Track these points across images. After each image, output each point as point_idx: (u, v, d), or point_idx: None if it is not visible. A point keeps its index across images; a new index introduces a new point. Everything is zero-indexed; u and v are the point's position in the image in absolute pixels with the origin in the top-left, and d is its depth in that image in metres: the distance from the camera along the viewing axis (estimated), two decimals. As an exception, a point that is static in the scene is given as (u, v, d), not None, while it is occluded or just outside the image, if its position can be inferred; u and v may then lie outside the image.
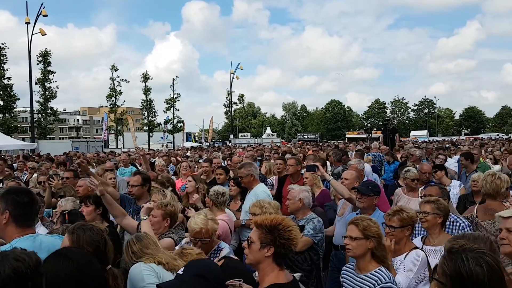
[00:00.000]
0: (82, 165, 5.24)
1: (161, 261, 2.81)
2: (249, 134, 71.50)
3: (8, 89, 37.36)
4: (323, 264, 4.72)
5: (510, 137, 49.11)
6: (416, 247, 3.37)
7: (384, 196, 5.38)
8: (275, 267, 2.37)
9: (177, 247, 3.51)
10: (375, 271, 2.92)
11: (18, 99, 38.58)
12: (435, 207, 3.63)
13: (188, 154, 18.70)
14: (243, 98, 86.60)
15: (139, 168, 10.57)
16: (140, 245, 2.89)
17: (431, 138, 54.42)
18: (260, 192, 5.37)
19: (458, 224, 4.03)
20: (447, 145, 17.39)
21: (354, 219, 3.11)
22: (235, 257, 3.19)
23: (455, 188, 6.21)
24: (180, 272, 2.28)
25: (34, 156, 17.48)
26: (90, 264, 2.01)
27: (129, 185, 5.45)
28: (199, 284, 2.13)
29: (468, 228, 3.99)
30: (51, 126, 45.34)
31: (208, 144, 43.74)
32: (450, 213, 4.20)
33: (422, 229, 3.90)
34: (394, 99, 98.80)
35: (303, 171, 6.66)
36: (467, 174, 7.67)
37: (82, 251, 2.09)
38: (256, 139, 59.20)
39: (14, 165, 11.99)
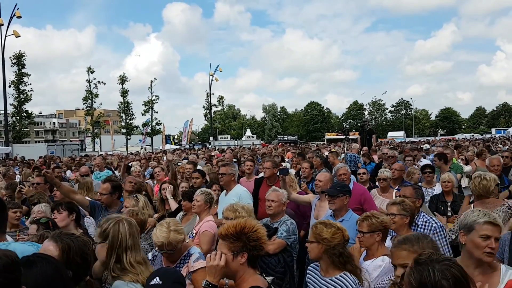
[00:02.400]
0: (47, 175, 5.14)
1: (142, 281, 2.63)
2: (229, 136, 71.42)
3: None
4: (297, 265, 4.73)
5: (484, 137, 50.33)
6: (386, 254, 3.33)
7: (370, 198, 5.45)
8: (251, 271, 2.37)
9: (149, 255, 3.47)
10: (340, 276, 2.96)
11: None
12: (401, 208, 3.68)
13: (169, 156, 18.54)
14: (223, 100, 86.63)
15: (115, 172, 10.45)
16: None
17: (407, 139, 55.35)
18: (243, 192, 5.39)
19: (430, 224, 4.09)
20: (422, 146, 17.68)
21: (314, 223, 3.21)
22: (204, 262, 3.17)
23: (438, 190, 6.31)
24: (156, 282, 2.25)
25: (7, 160, 17.06)
26: (57, 270, 1.99)
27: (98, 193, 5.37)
28: None
29: (440, 229, 4.04)
30: (26, 129, 44.31)
31: (187, 146, 43.44)
32: (424, 214, 4.27)
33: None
34: (372, 100, 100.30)
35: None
36: (441, 175, 7.83)
37: (51, 257, 2.06)
38: (236, 141, 59.16)
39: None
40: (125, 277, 2.56)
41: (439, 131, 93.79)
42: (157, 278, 2.28)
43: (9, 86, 38.56)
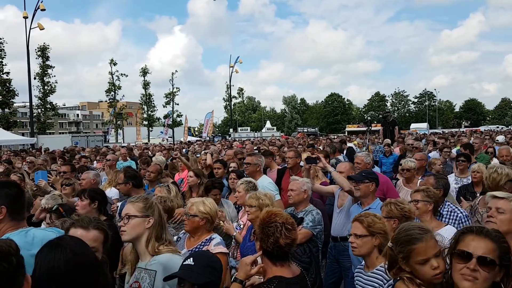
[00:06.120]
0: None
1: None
2: (248, 128, 71.43)
3: (7, 84, 37.33)
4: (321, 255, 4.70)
5: (510, 129, 48.99)
6: None
7: (393, 187, 5.40)
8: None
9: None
10: (380, 266, 2.84)
11: (17, 94, 38.61)
12: (424, 195, 3.69)
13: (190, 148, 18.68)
14: (243, 92, 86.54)
15: (138, 164, 10.53)
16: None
17: (431, 131, 54.35)
18: (268, 184, 5.35)
19: (455, 214, 4.06)
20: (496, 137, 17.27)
21: (358, 216, 3.03)
22: (225, 249, 3.22)
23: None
24: (189, 262, 2.28)
25: (33, 151, 17.45)
26: (85, 250, 1.98)
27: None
28: (212, 275, 2.27)
29: (465, 219, 4.03)
30: (51, 121, 45.28)
31: (207, 138, 43.67)
32: (449, 203, 4.20)
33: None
34: (395, 91, 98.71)
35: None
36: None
37: (76, 238, 2.06)
38: (255, 133, 59.14)
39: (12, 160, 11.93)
40: (168, 252, 2.59)
41: (463, 122, 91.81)
42: (191, 259, 2.30)
43: (34, 78, 39.35)
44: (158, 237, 2.62)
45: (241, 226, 4.42)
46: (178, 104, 54.60)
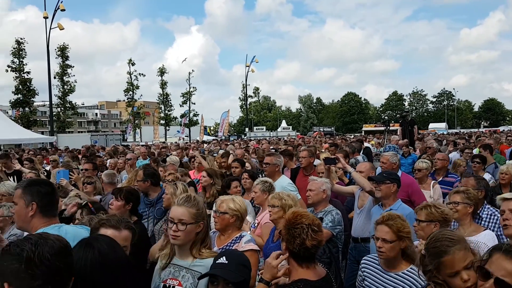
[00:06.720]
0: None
1: None
2: (264, 127, 71.42)
3: (28, 83, 38.08)
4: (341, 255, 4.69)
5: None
6: None
7: (418, 189, 5.34)
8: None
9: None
10: (407, 271, 2.82)
11: (37, 93, 39.36)
12: (465, 196, 3.53)
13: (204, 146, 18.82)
14: (258, 91, 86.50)
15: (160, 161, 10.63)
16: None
17: (449, 131, 53.52)
18: (287, 184, 5.30)
19: (496, 217, 3.87)
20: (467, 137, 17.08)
21: (385, 219, 2.93)
22: (255, 246, 3.21)
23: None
24: (222, 261, 2.30)
25: (54, 149, 17.76)
26: (113, 250, 2.02)
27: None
28: (245, 273, 2.30)
29: None
30: (70, 119, 46.02)
31: (223, 137, 43.82)
32: (489, 206, 4.09)
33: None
34: (413, 91, 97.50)
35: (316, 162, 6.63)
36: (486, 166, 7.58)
37: (107, 238, 2.11)
38: (271, 133, 59.09)
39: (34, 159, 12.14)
40: (212, 256, 2.60)
41: (483, 122, 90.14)
42: (224, 257, 2.32)
43: (54, 78, 40.05)
44: (203, 240, 2.66)
45: (255, 225, 4.45)
46: (194, 104, 55.29)
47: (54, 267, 1.53)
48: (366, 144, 14.70)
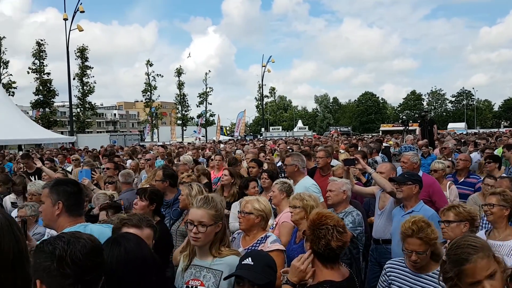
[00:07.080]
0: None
1: None
2: (280, 127, 71.32)
3: (48, 84, 38.84)
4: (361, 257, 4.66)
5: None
6: None
7: (439, 190, 5.26)
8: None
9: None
10: (437, 271, 2.76)
11: (57, 94, 40.16)
12: (501, 198, 3.43)
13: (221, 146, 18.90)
14: (275, 91, 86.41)
15: (174, 161, 10.74)
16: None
17: (469, 131, 52.62)
18: (311, 185, 5.22)
19: None
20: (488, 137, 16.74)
21: (415, 232, 2.81)
22: (281, 246, 3.21)
23: None
24: (248, 262, 2.32)
25: (75, 149, 18.04)
26: (139, 249, 2.03)
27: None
28: (271, 275, 2.31)
29: None
30: (89, 120, 46.75)
31: (239, 137, 43.95)
32: None
33: (487, 222, 3.73)
34: (431, 90, 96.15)
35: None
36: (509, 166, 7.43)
37: (135, 237, 2.13)
38: (287, 133, 58.97)
39: (55, 159, 12.36)
40: (232, 254, 2.65)
41: (503, 122, 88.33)
42: (249, 258, 2.33)
43: (74, 79, 40.75)
44: (222, 240, 2.69)
45: (273, 226, 4.44)
46: (211, 104, 55.45)
47: (85, 266, 1.55)
48: (385, 144, 14.56)
